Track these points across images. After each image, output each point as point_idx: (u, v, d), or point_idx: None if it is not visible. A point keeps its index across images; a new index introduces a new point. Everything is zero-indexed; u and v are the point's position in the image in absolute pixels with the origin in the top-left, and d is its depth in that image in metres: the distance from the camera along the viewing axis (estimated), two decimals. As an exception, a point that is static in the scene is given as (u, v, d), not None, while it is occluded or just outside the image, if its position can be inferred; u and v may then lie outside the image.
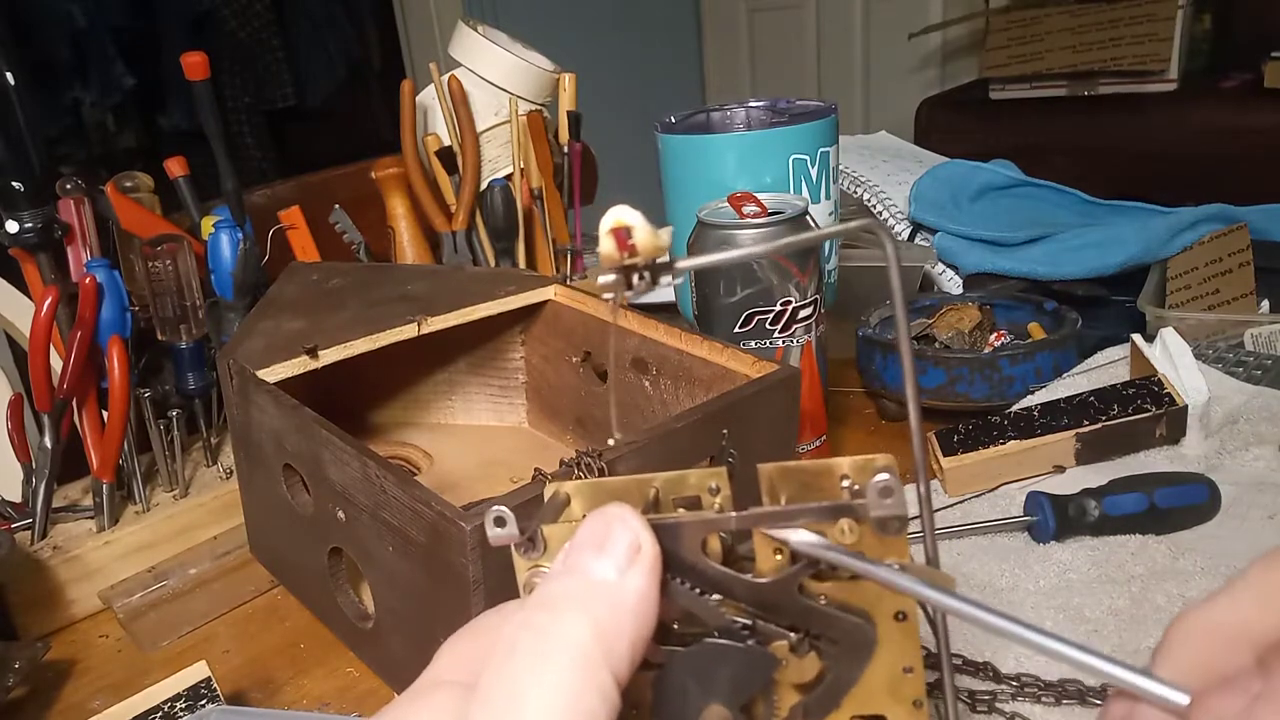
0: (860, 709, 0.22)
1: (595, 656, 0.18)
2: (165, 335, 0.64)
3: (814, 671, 0.21)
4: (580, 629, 0.19)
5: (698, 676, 0.20)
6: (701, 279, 0.59)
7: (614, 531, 0.20)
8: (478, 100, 0.83)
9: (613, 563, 0.19)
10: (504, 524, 0.21)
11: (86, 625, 0.56)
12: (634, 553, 0.20)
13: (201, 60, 0.69)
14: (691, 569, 0.21)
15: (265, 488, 0.52)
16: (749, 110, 0.76)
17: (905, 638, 0.22)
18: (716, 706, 0.20)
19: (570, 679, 0.18)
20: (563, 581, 0.20)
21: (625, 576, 0.19)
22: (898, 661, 0.22)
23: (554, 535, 0.21)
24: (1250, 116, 1.58)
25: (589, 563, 0.20)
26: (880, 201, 0.93)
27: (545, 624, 0.19)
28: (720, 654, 0.21)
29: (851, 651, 0.21)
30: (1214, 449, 0.57)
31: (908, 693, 0.22)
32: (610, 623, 0.19)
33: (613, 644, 0.19)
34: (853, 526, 0.21)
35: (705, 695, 0.20)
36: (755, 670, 0.21)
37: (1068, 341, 0.65)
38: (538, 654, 0.18)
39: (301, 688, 0.49)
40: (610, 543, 0.20)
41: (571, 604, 0.19)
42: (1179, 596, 0.45)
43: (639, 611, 0.19)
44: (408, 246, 0.83)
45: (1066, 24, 1.75)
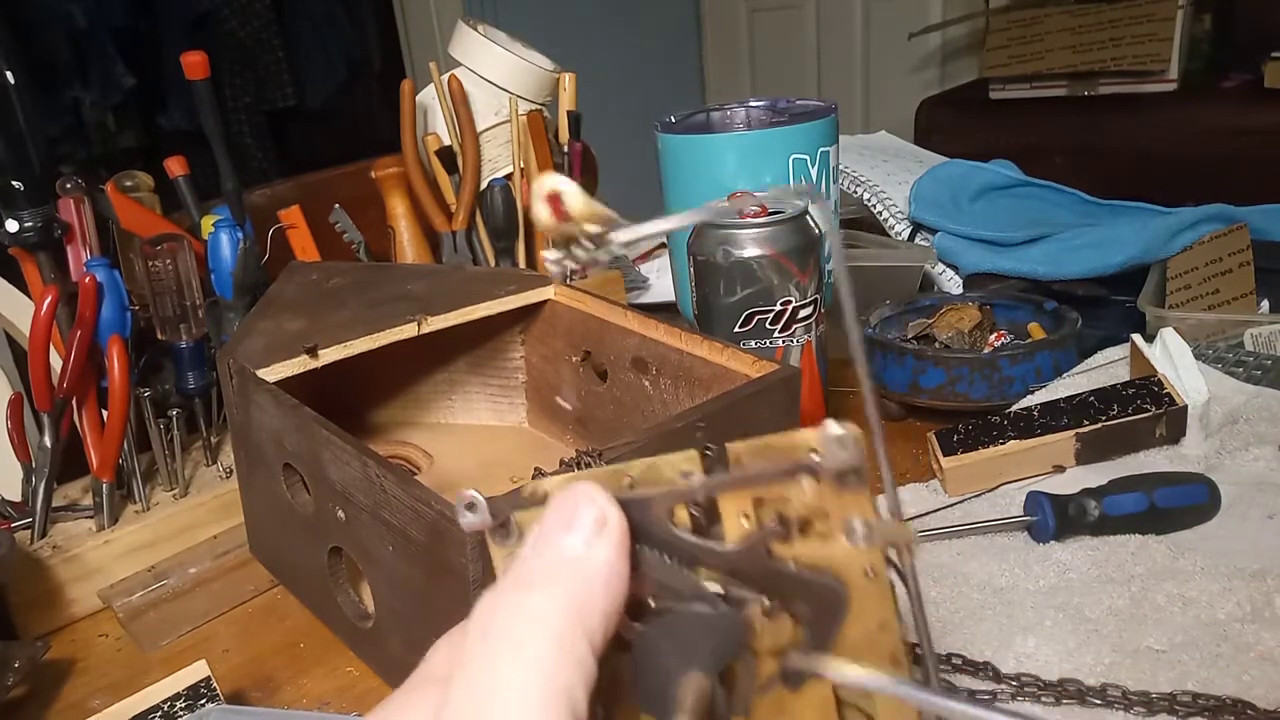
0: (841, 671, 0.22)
1: (569, 630, 0.19)
2: (165, 335, 0.64)
3: (788, 635, 0.21)
4: (552, 604, 0.19)
5: (674, 647, 0.20)
6: (702, 279, 0.59)
7: (580, 506, 0.20)
8: (478, 100, 0.83)
9: (580, 537, 0.20)
10: (475, 509, 0.21)
11: (86, 624, 0.56)
12: (600, 526, 0.20)
13: (201, 60, 0.69)
14: (661, 541, 0.21)
15: (265, 487, 0.52)
16: (749, 110, 0.76)
17: (877, 595, 0.22)
18: (695, 674, 0.20)
19: (546, 653, 0.18)
20: (532, 560, 0.20)
21: (592, 549, 0.20)
22: (871, 619, 0.22)
23: (526, 521, 0.22)
24: (1250, 117, 1.58)
25: (557, 539, 0.20)
26: (880, 201, 0.93)
27: (517, 602, 0.19)
28: (694, 621, 0.21)
29: (825, 613, 0.21)
30: (1214, 449, 0.57)
31: (885, 649, 0.22)
32: (581, 596, 0.19)
33: (585, 617, 0.19)
34: (812, 484, 0.21)
35: (683, 665, 0.20)
36: (730, 635, 0.21)
37: (1068, 341, 0.65)
38: (512, 632, 0.19)
39: (301, 687, 0.49)
40: (576, 518, 0.20)
41: (541, 580, 0.19)
42: (1179, 596, 0.45)
43: (609, 582, 0.20)
44: (408, 246, 0.83)
45: (1066, 24, 1.74)
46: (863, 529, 0.21)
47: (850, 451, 0.20)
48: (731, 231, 0.57)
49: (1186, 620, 0.44)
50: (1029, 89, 1.82)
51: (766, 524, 0.21)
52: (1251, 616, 0.43)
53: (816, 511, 0.21)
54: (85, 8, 2.28)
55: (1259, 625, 0.43)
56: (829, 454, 0.20)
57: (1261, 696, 0.39)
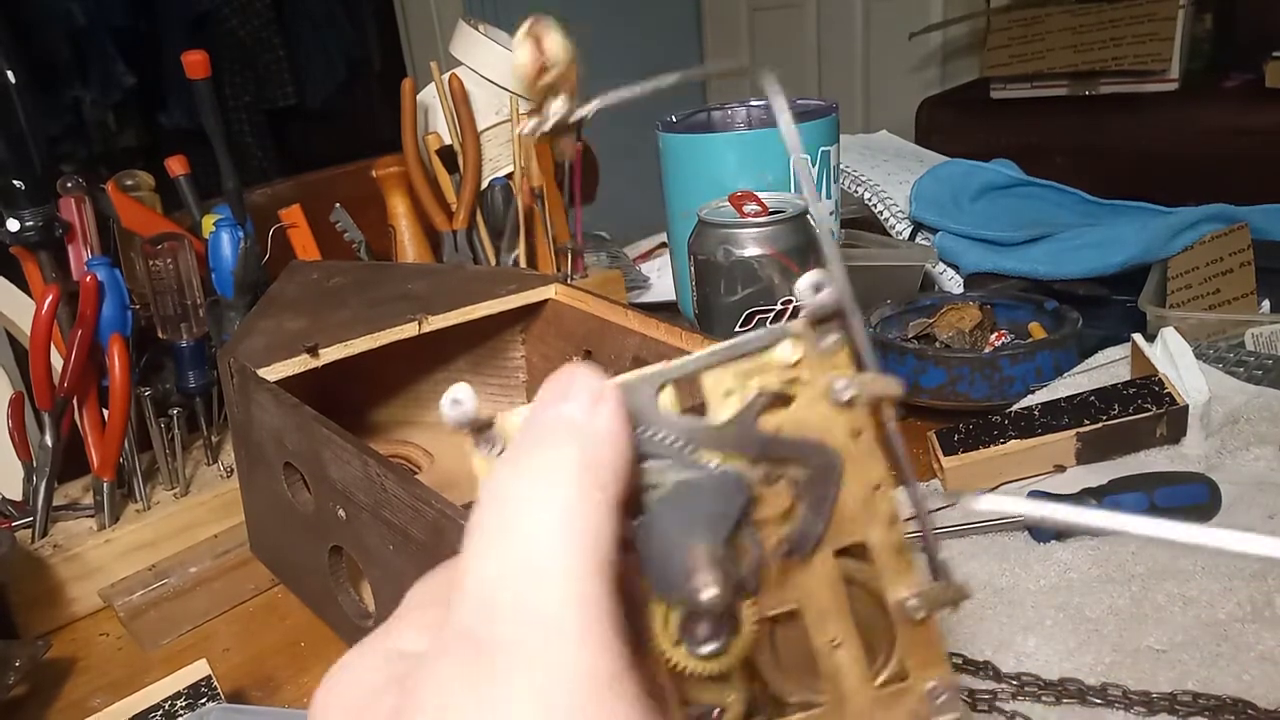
0: (841, 539, 0.22)
1: (586, 479, 0.18)
2: (166, 334, 0.64)
3: (787, 501, 0.21)
4: (566, 455, 0.18)
5: (677, 522, 0.20)
6: (702, 278, 0.59)
7: (575, 381, 0.20)
8: (478, 99, 0.83)
9: (578, 405, 0.20)
10: (461, 403, 0.20)
11: (87, 623, 0.56)
12: (597, 395, 0.20)
13: (202, 59, 0.69)
14: (650, 421, 0.21)
15: (266, 486, 0.52)
16: (749, 109, 0.76)
17: (867, 455, 0.22)
18: (701, 544, 0.20)
19: (568, 494, 0.18)
20: (535, 428, 0.20)
21: (593, 415, 0.19)
22: (865, 480, 0.22)
23: (509, 424, 0.21)
24: (1251, 116, 1.58)
25: (554, 409, 0.20)
26: (881, 201, 0.93)
27: (529, 460, 0.19)
28: (692, 490, 0.21)
29: (821, 477, 0.22)
30: (1214, 449, 0.57)
31: (882, 510, 0.22)
32: (590, 451, 0.19)
33: (599, 471, 0.19)
34: (794, 344, 0.21)
35: (689, 537, 0.20)
36: (728, 497, 0.21)
37: (1068, 341, 0.65)
38: (529, 479, 0.18)
39: (302, 686, 0.49)
40: (573, 390, 0.20)
41: (549, 438, 0.19)
42: (1179, 596, 0.45)
43: (614, 442, 0.19)
44: (408, 245, 0.83)
45: (1067, 23, 1.74)
46: (846, 386, 0.21)
47: (828, 291, 0.21)
48: (732, 231, 0.57)
49: (1187, 620, 0.44)
50: (1030, 89, 1.81)
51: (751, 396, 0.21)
52: (1252, 616, 0.43)
53: (797, 380, 0.22)
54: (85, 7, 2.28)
55: (1259, 625, 0.43)
56: (806, 298, 0.21)
57: (1262, 696, 0.39)
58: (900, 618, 0.22)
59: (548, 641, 0.16)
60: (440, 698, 0.16)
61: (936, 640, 0.23)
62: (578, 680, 0.16)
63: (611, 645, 0.17)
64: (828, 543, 0.22)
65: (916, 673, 0.23)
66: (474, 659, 0.16)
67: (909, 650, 0.23)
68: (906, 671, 0.23)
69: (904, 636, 0.23)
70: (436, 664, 0.17)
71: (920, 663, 0.23)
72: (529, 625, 0.16)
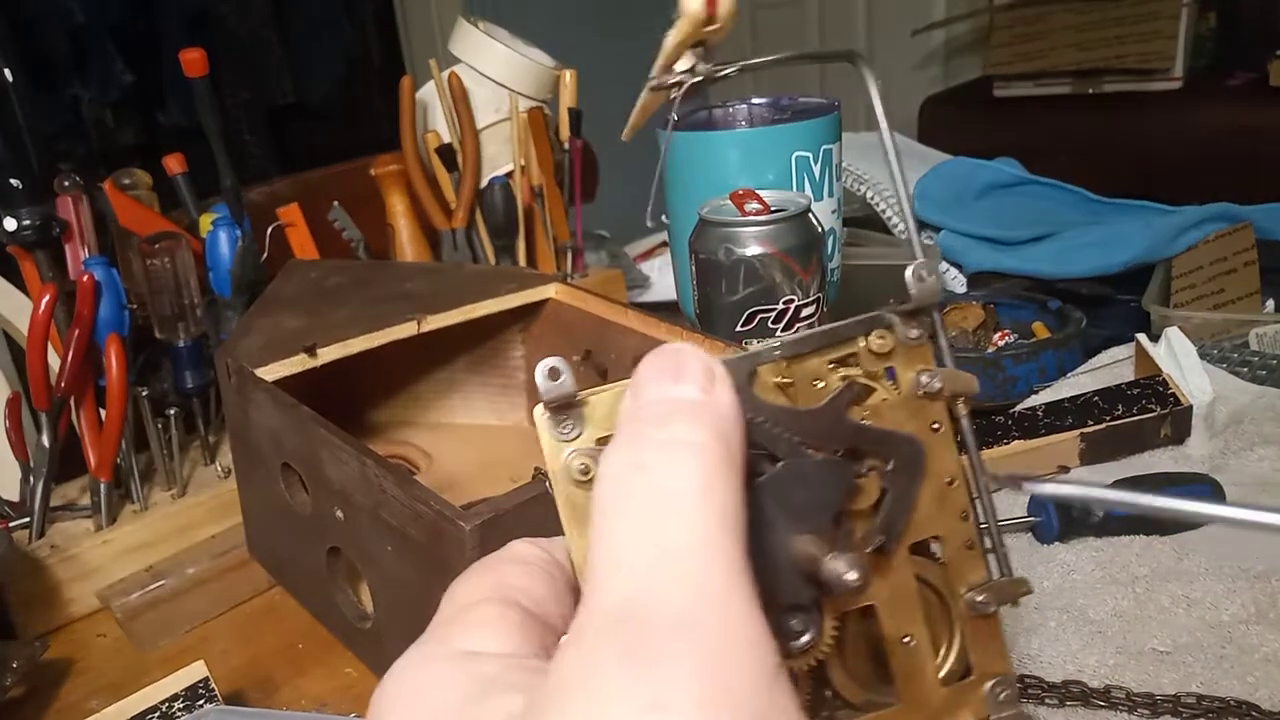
0: (917, 533, 0.22)
1: (723, 457, 0.17)
2: (163, 333, 0.64)
3: (876, 493, 0.21)
4: (701, 433, 0.17)
5: (778, 505, 0.20)
6: (703, 277, 0.59)
7: (684, 360, 0.19)
8: (478, 97, 0.82)
9: (695, 384, 0.18)
10: (558, 375, 0.19)
11: (84, 624, 0.55)
12: (710, 375, 0.19)
13: (200, 57, 0.69)
14: (747, 405, 0.20)
15: (263, 487, 0.52)
16: (751, 107, 0.75)
17: (943, 448, 0.22)
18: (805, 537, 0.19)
19: (709, 475, 0.17)
20: (653, 407, 0.18)
21: (712, 395, 0.18)
22: (941, 475, 0.22)
23: (595, 405, 0.20)
24: (1255, 115, 1.58)
25: (666, 390, 0.18)
26: (883, 199, 0.92)
27: (662, 435, 0.17)
28: (797, 474, 0.20)
29: (906, 467, 0.21)
30: (1219, 449, 0.56)
31: (955, 505, 0.22)
32: (720, 429, 0.18)
33: (731, 450, 0.18)
34: (884, 335, 0.22)
35: (791, 523, 0.20)
36: (834, 482, 0.20)
37: (1072, 341, 0.65)
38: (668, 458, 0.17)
39: (300, 688, 0.48)
40: (685, 370, 0.19)
41: (679, 418, 0.18)
42: (1183, 598, 0.45)
43: (737, 423, 0.18)
44: (407, 244, 0.83)
45: (1070, 21, 1.74)
46: (931, 379, 0.21)
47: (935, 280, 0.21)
48: (733, 229, 0.56)
49: (1191, 621, 0.43)
50: (1033, 87, 1.81)
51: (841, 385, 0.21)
52: (1256, 618, 0.43)
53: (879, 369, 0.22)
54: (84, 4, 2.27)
55: (1263, 626, 0.42)
56: (914, 288, 0.21)
57: (1266, 698, 0.39)
58: (967, 613, 0.22)
59: (725, 625, 0.15)
60: (592, 681, 0.15)
61: (1000, 636, 0.23)
62: (752, 671, 0.15)
63: (769, 634, 0.16)
64: (904, 538, 0.22)
65: (980, 669, 0.22)
66: (634, 638, 0.15)
67: (974, 646, 0.22)
68: (970, 668, 0.22)
69: (970, 632, 0.22)
70: (582, 649, 0.15)
71: (984, 659, 0.22)
72: (703, 605, 0.15)
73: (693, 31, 0.22)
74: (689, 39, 0.22)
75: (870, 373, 0.22)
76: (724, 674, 0.15)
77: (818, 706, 0.22)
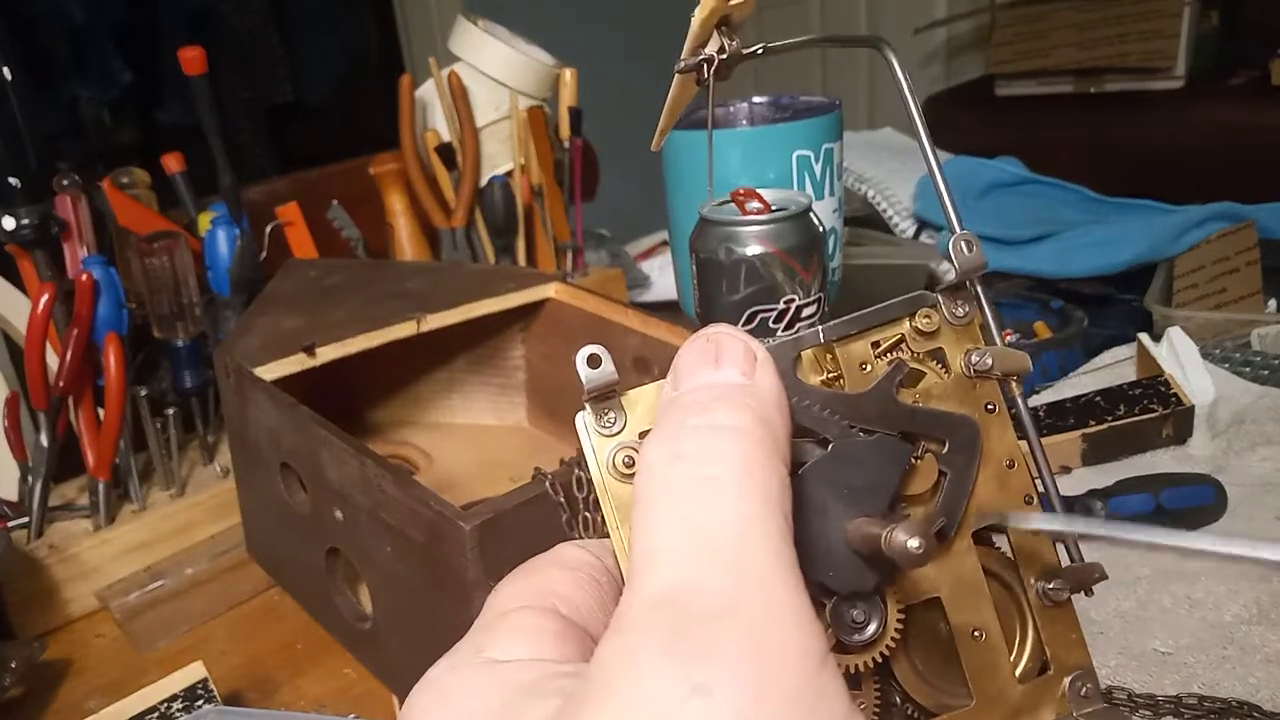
0: (980, 520, 0.21)
1: (765, 442, 0.17)
2: (162, 332, 0.64)
3: (934, 475, 0.21)
4: (743, 417, 0.17)
5: (831, 490, 0.19)
6: (704, 277, 0.59)
7: (724, 345, 0.18)
8: (478, 95, 0.82)
9: (735, 370, 0.18)
10: (599, 363, 0.19)
11: (83, 625, 0.55)
12: (752, 358, 0.18)
13: (199, 55, 0.69)
14: (793, 389, 0.20)
15: (262, 487, 0.52)
16: (752, 106, 0.75)
17: (1000, 429, 0.21)
18: (861, 519, 0.18)
19: (751, 459, 0.16)
20: (693, 394, 0.18)
21: (755, 379, 0.18)
22: (1000, 456, 0.21)
23: (635, 399, 0.20)
24: (1258, 114, 1.57)
25: (711, 376, 0.18)
26: (885, 199, 0.92)
27: (704, 421, 0.17)
28: (851, 455, 0.19)
29: (962, 449, 0.21)
30: (1221, 449, 0.56)
31: (1017, 487, 0.21)
32: (763, 414, 0.17)
33: (775, 434, 0.17)
34: (930, 315, 0.21)
35: (847, 507, 0.19)
36: (890, 463, 0.19)
37: (1074, 340, 0.65)
38: (709, 444, 0.17)
39: (299, 688, 0.48)
40: (725, 355, 0.18)
41: (720, 403, 0.17)
42: (1185, 598, 0.45)
43: (781, 406, 0.18)
44: (406, 243, 0.83)
45: (1072, 20, 1.74)
46: (982, 358, 0.21)
47: (977, 251, 0.21)
48: (734, 229, 0.56)
49: (1193, 622, 0.43)
50: (1035, 85, 1.81)
51: (889, 367, 0.21)
52: (1258, 618, 0.43)
53: (929, 353, 0.21)
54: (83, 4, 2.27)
55: (1265, 627, 0.42)
56: (960, 259, 0.21)
57: (1268, 699, 0.39)
58: (1040, 603, 0.21)
59: (768, 610, 0.15)
60: (634, 670, 0.14)
61: (1076, 625, 0.21)
62: (797, 656, 0.15)
63: (816, 618, 0.15)
64: (967, 525, 0.21)
65: (1058, 663, 0.21)
66: (676, 625, 0.15)
67: (1050, 638, 0.21)
68: (1048, 662, 0.21)
69: (1045, 624, 0.21)
70: (623, 638, 0.15)
71: (1062, 651, 0.21)
72: (745, 589, 0.15)
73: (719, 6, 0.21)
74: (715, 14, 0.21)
75: (918, 354, 0.21)
76: (768, 659, 0.14)
77: (887, 712, 0.21)
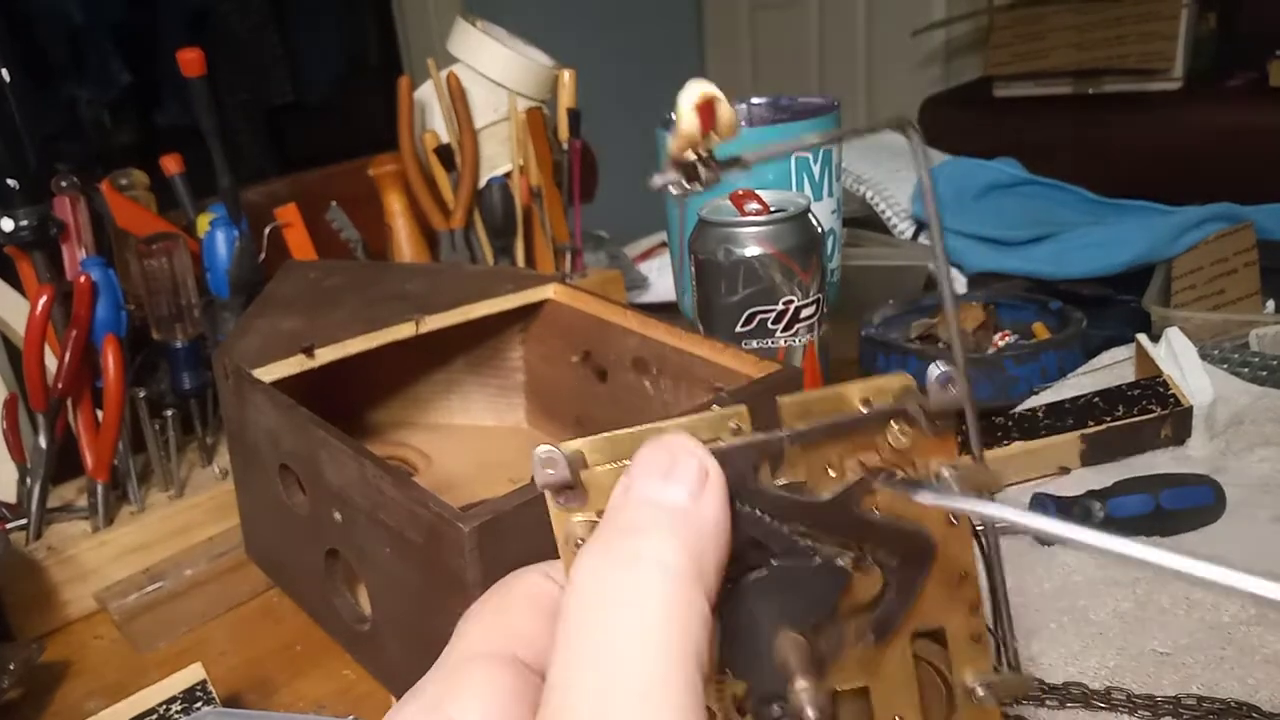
0: (921, 623, 0.22)
1: (691, 579, 0.17)
2: (161, 334, 0.64)
3: (877, 587, 0.21)
4: (671, 552, 0.17)
5: (768, 604, 0.20)
6: (703, 278, 0.59)
7: (679, 458, 0.19)
8: (476, 97, 0.82)
9: (684, 488, 0.18)
10: (554, 465, 0.20)
11: (81, 626, 0.55)
12: (703, 477, 0.19)
13: (198, 57, 0.69)
14: (748, 495, 0.20)
15: (261, 488, 0.52)
16: (751, 107, 0.75)
17: (958, 543, 0.21)
18: (789, 633, 0.19)
19: (671, 601, 0.17)
20: (636, 510, 0.18)
21: (700, 501, 0.18)
22: (953, 569, 0.21)
23: (595, 481, 0.20)
24: (1255, 116, 1.58)
25: (658, 490, 0.18)
26: (883, 200, 0.92)
27: (633, 550, 0.18)
28: (790, 577, 0.20)
29: (912, 562, 0.21)
30: (1219, 450, 0.56)
31: (965, 598, 0.22)
32: (697, 546, 0.18)
33: (703, 567, 0.18)
34: (905, 429, 0.21)
35: (777, 623, 0.19)
36: (827, 588, 0.20)
37: (1072, 341, 0.65)
38: (630, 579, 0.17)
39: (298, 690, 0.48)
40: (677, 469, 0.19)
41: (655, 530, 0.18)
42: (1184, 599, 0.45)
43: (717, 536, 0.18)
44: (405, 244, 0.83)
45: (1070, 22, 1.74)
46: (952, 475, 0.20)
47: (958, 389, 0.20)
48: (733, 230, 0.56)
49: (1191, 623, 0.43)
50: (1033, 87, 1.81)
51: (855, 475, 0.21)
52: (1257, 619, 0.43)
53: (899, 460, 0.21)
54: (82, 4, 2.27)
55: (1264, 628, 0.42)
56: (935, 392, 0.20)
57: (1267, 699, 0.39)
58: (967, 703, 0.22)
59: None
60: None
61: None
62: None
63: None
64: (906, 626, 0.21)
65: None
66: None
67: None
68: None
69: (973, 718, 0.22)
70: None
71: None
72: None
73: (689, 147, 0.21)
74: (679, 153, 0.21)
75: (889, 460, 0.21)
76: None
77: None
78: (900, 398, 0.21)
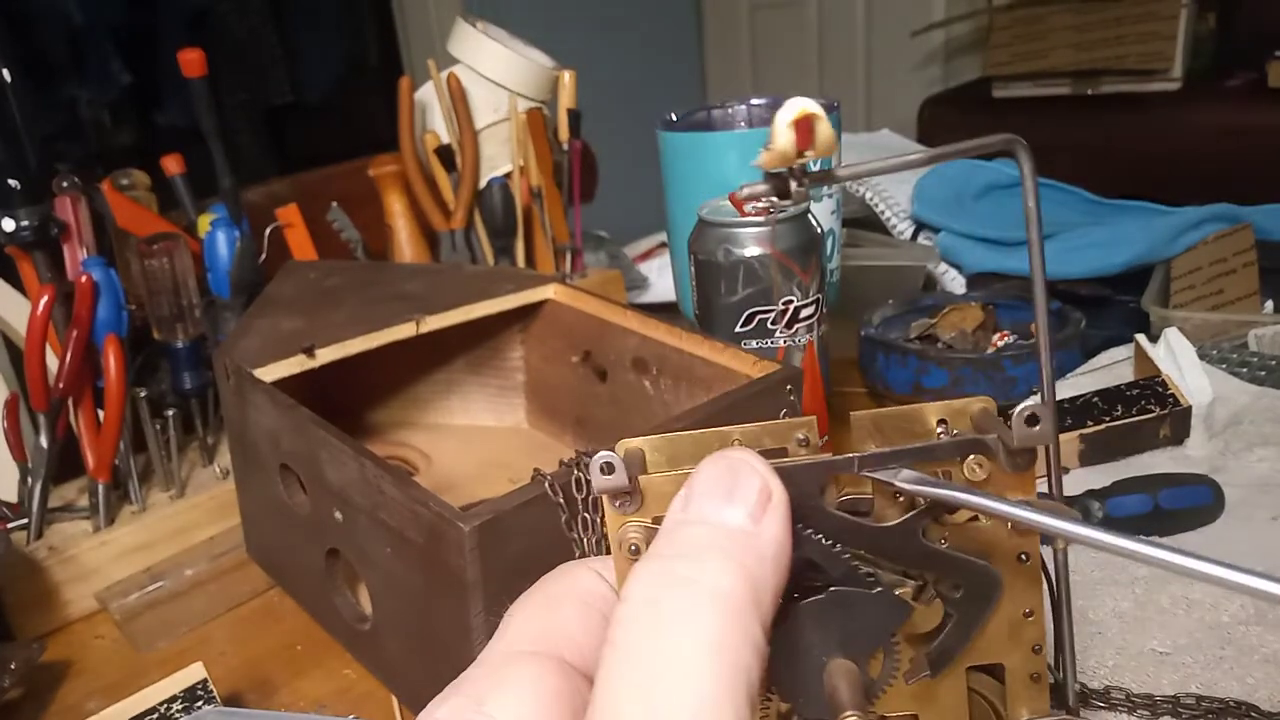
0: (979, 658, 0.21)
1: (747, 606, 0.17)
2: (161, 334, 0.64)
3: (937, 619, 0.20)
4: (729, 577, 0.17)
5: (822, 629, 0.19)
6: (702, 278, 0.59)
7: (741, 477, 0.18)
8: (476, 97, 0.82)
9: (745, 509, 0.18)
10: (612, 470, 0.19)
11: (82, 626, 0.55)
12: (766, 499, 0.18)
13: (198, 57, 0.69)
14: (811, 516, 0.19)
15: (262, 488, 0.52)
16: (750, 108, 0.75)
17: (1027, 581, 0.21)
18: (841, 660, 0.19)
19: (725, 629, 0.16)
20: (695, 529, 0.18)
21: (761, 525, 0.18)
22: (1019, 606, 0.21)
23: (653, 488, 0.20)
24: (1254, 116, 1.58)
25: (719, 511, 0.18)
26: (883, 200, 0.92)
27: (690, 573, 0.17)
28: (848, 603, 0.19)
29: (976, 597, 0.20)
30: (1218, 450, 0.56)
31: (1028, 638, 0.21)
32: (755, 571, 0.17)
33: (760, 594, 0.17)
34: (983, 463, 0.20)
35: (829, 649, 0.19)
36: (885, 618, 0.20)
37: (1071, 342, 0.65)
38: (685, 604, 0.17)
39: (298, 689, 0.48)
40: (739, 489, 0.18)
41: (714, 553, 0.17)
42: (1183, 599, 0.45)
43: (777, 560, 0.18)
44: (406, 245, 0.83)
45: (1069, 22, 1.74)
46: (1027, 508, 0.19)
47: (1044, 428, 0.19)
48: (733, 230, 0.56)
49: (1190, 622, 0.43)
50: (1032, 87, 1.81)
51: (923, 503, 0.20)
52: (1256, 619, 0.43)
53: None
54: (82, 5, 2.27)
55: (1263, 628, 0.42)
56: (1019, 430, 0.19)
57: (1266, 699, 0.39)
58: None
59: None
60: None
61: None
62: None
63: None
64: (964, 660, 0.21)
65: None
66: None
67: None
68: None
69: None
70: None
71: None
72: None
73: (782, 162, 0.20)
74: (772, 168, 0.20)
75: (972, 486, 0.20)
76: None
77: None
78: (979, 422, 0.20)
